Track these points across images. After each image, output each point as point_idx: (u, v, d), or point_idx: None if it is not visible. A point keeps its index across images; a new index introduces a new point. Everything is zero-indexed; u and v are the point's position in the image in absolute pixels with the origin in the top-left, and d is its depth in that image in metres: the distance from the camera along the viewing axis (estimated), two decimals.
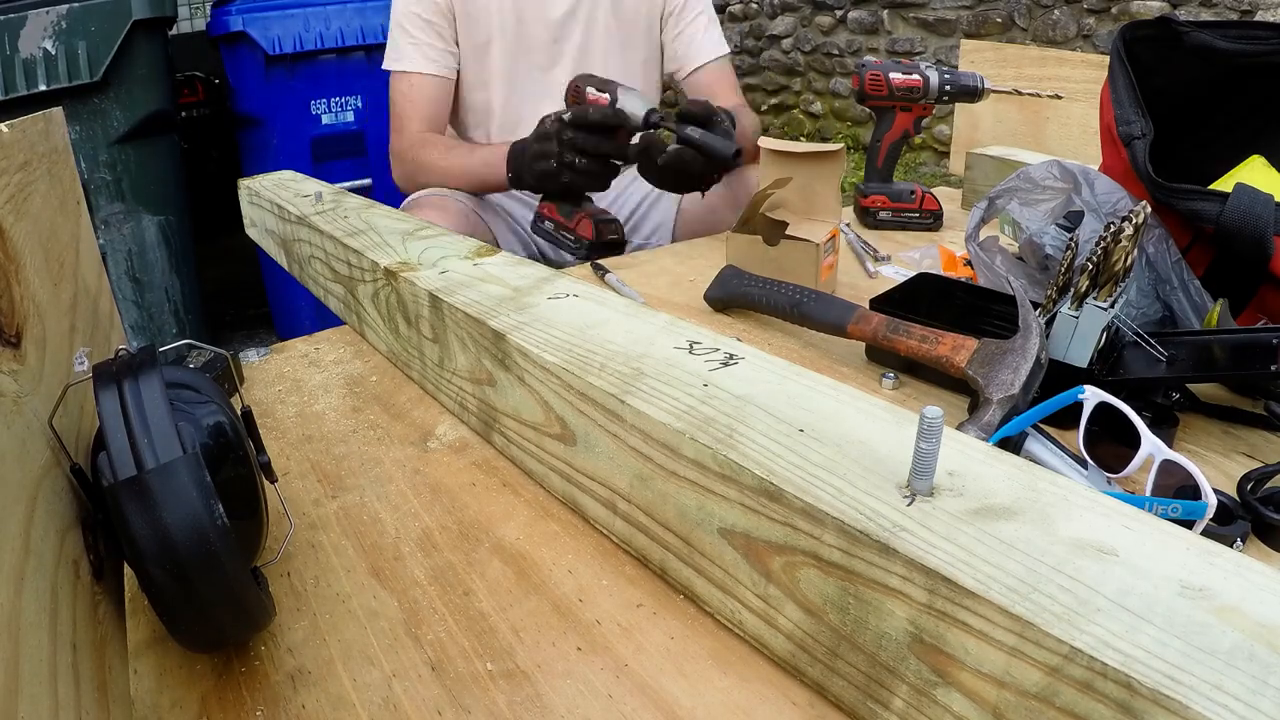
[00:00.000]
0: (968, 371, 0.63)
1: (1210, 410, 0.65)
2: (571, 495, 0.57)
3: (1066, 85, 1.33)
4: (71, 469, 0.43)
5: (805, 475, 0.40)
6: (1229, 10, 3.05)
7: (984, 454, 0.42)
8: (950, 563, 0.34)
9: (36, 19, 1.85)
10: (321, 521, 0.58)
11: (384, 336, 0.81)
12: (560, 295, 0.65)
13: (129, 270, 2.08)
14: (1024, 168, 0.82)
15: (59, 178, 0.60)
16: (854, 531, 0.36)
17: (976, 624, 0.33)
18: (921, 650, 0.35)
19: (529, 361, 0.56)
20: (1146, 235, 0.71)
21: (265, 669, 0.46)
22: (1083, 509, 0.37)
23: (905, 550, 0.35)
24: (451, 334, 0.66)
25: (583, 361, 0.53)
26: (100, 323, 0.63)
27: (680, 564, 0.48)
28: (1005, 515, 0.37)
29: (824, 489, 0.39)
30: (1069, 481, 0.39)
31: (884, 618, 0.36)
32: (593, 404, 0.51)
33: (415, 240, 0.80)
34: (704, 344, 0.55)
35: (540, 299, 0.64)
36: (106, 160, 2.00)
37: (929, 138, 4.24)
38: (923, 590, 0.34)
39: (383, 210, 0.93)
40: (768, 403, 0.47)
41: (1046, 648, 0.30)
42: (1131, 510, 0.37)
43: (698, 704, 0.42)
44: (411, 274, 0.70)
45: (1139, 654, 0.29)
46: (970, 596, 0.32)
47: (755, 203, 0.91)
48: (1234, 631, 0.30)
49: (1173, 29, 0.79)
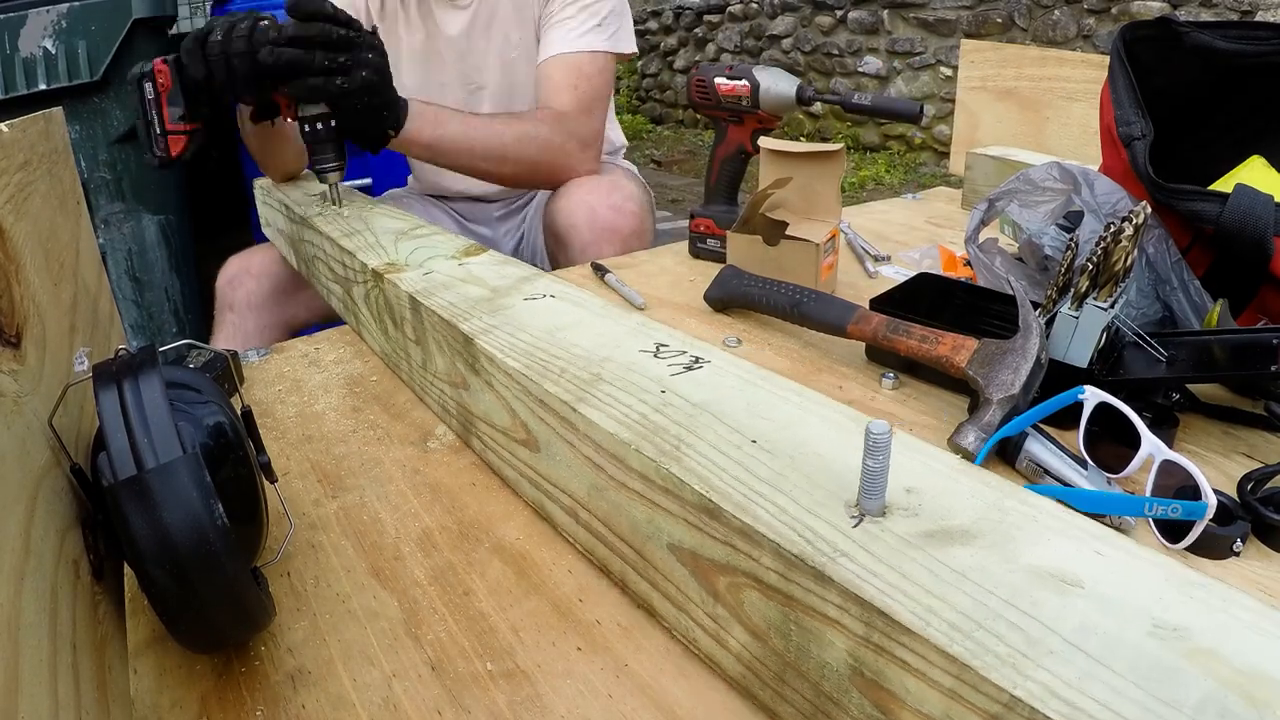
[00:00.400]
0: (968, 371, 0.63)
1: (1210, 410, 0.65)
2: (540, 502, 0.56)
3: (1067, 85, 1.33)
4: (71, 469, 0.43)
5: (747, 492, 0.38)
6: (1229, 10, 3.05)
7: (949, 468, 0.39)
8: (888, 593, 0.31)
9: (36, 18, 1.85)
10: (321, 522, 0.58)
11: (377, 338, 0.81)
12: (537, 296, 0.64)
13: (129, 270, 2.08)
14: (1024, 170, 0.82)
15: (59, 177, 0.60)
16: (789, 555, 0.34)
17: (915, 662, 0.30)
18: (863, 684, 0.33)
19: (494, 366, 0.55)
20: (1146, 235, 0.71)
21: (265, 669, 0.46)
22: (1052, 532, 0.34)
23: (841, 578, 0.32)
24: (430, 336, 0.65)
25: (543, 366, 0.52)
26: (100, 322, 0.63)
27: (638, 577, 0.47)
28: (961, 539, 0.34)
29: (765, 507, 0.37)
30: (1042, 501, 0.36)
31: (825, 647, 0.34)
32: (550, 411, 0.50)
33: (408, 240, 0.80)
34: (671, 347, 0.53)
35: (516, 300, 0.63)
36: (106, 160, 1.99)
37: (928, 138, 4.24)
38: (859, 622, 0.32)
39: (386, 210, 0.93)
40: (724, 410, 0.45)
41: (985, 693, 0.28)
42: (1107, 533, 0.34)
43: (697, 704, 0.42)
44: (396, 275, 0.70)
45: (1089, 705, 0.26)
46: (906, 633, 0.30)
47: (755, 203, 0.91)
48: (1207, 679, 0.27)
49: (1173, 29, 0.79)
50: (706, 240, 1.07)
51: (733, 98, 0.99)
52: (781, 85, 0.97)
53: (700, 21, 5.35)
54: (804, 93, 0.96)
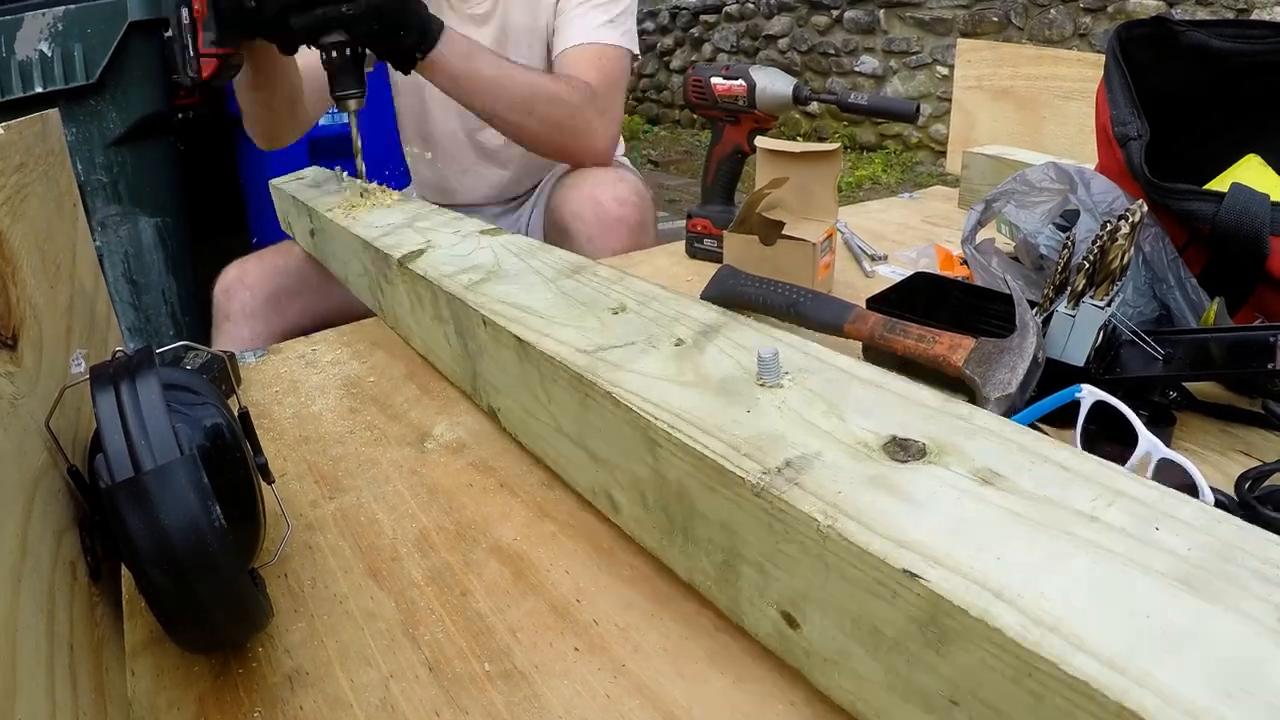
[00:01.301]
0: (965, 370, 0.63)
1: (1207, 409, 0.65)
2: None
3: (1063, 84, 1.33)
4: (69, 471, 0.43)
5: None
6: (1225, 9, 3.06)
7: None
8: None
9: (33, 21, 1.84)
10: (319, 522, 0.58)
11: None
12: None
13: (126, 272, 2.07)
14: (1020, 171, 0.82)
15: (55, 180, 0.60)
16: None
17: None
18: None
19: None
20: (1143, 234, 0.71)
21: (263, 670, 0.46)
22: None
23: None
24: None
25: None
26: (97, 324, 0.63)
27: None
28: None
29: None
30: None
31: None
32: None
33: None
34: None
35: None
36: (103, 162, 1.99)
37: (925, 137, 4.24)
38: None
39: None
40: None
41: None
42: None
43: (695, 704, 0.42)
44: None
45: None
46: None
47: (752, 202, 0.91)
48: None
49: (1168, 28, 0.79)
50: (703, 240, 1.07)
51: (729, 97, 1.00)
52: (778, 85, 0.97)
53: (696, 21, 5.36)
54: (800, 92, 0.96)
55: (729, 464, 0.39)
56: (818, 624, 0.38)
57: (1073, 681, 0.26)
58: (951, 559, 0.32)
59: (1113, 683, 0.26)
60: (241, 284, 1.20)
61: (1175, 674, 0.26)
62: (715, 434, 0.42)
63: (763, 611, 0.41)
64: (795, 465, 0.38)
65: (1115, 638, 0.27)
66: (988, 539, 0.32)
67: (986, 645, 0.29)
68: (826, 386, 0.45)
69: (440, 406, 0.73)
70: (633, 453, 0.47)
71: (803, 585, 0.37)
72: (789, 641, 0.40)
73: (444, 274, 0.68)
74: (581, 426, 0.52)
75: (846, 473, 0.37)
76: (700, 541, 0.44)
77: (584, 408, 0.50)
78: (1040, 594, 0.29)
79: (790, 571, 0.38)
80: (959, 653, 0.30)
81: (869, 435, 0.40)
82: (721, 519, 0.41)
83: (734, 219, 0.95)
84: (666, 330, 0.54)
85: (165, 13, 0.83)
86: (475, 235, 0.77)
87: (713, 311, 0.56)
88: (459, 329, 0.66)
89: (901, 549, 0.32)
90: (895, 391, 0.45)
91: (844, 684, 0.38)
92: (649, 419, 0.44)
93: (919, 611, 0.31)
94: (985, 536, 0.33)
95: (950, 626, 0.30)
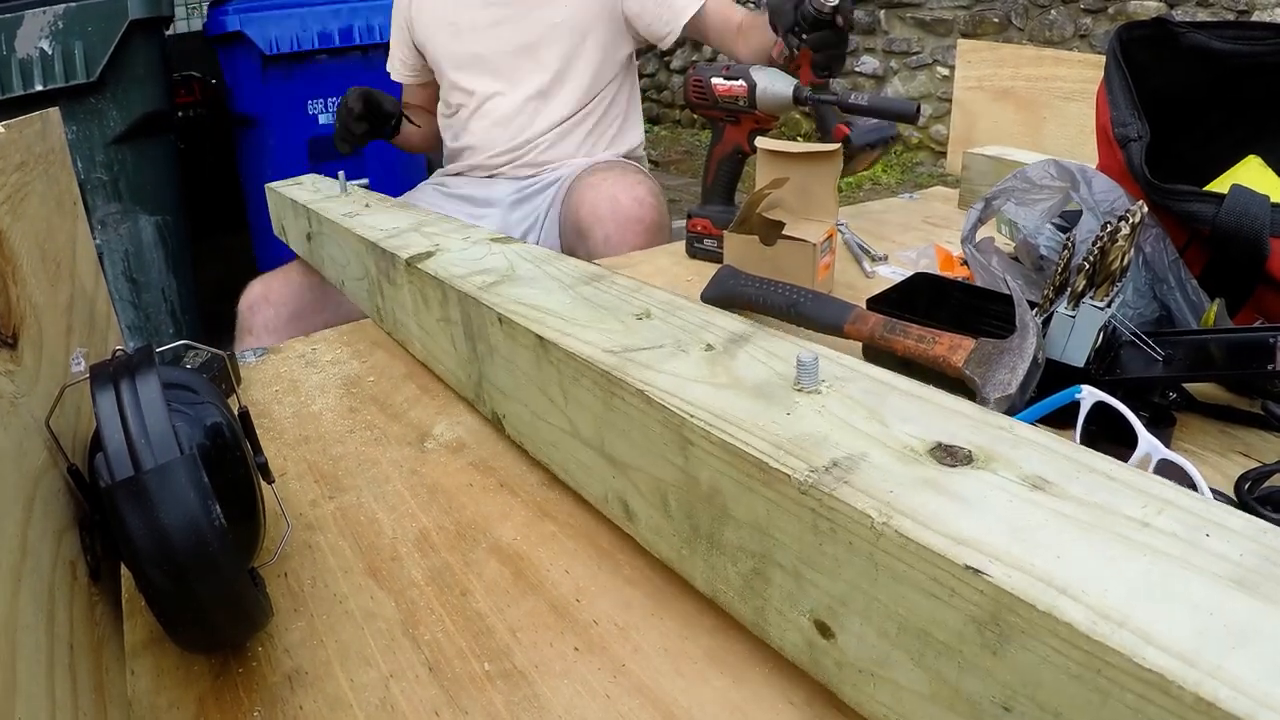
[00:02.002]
0: (965, 371, 0.63)
1: (1207, 410, 0.65)
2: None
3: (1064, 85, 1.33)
4: (69, 470, 0.43)
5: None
6: (1225, 10, 3.06)
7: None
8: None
9: (33, 19, 1.84)
10: (319, 522, 0.58)
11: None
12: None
13: (126, 270, 2.07)
14: (1021, 168, 0.82)
15: (56, 178, 0.60)
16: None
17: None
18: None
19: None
20: (1143, 234, 0.71)
21: (263, 670, 0.46)
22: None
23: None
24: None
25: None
26: (97, 323, 0.63)
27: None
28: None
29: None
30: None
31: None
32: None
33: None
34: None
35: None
36: (103, 160, 1.99)
37: (925, 138, 4.24)
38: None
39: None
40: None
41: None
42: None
43: (694, 704, 0.42)
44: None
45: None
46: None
47: (752, 202, 0.91)
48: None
49: (1169, 29, 0.79)
50: (703, 240, 1.07)
51: (730, 98, 1.00)
52: (778, 85, 0.97)
53: None
54: (800, 93, 0.96)
55: (774, 461, 0.38)
56: (856, 632, 0.37)
57: (1146, 674, 0.26)
58: (1011, 556, 0.31)
59: (1186, 675, 0.26)
60: (266, 301, 1.22)
61: (1245, 667, 0.26)
62: (756, 433, 0.41)
63: (792, 622, 0.41)
64: (843, 465, 0.38)
65: (1182, 633, 0.27)
66: (1045, 539, 0.32)
67: (1052, 641, 0.29)
68: (865, 394, 0.44)
69: (440, 406, 0.73)
70: (660, 454, 0.46)
71: (844, 590, 0.37)
72: (819, 653, 0.40)
73: (455, 275, 0.67)
74: (602, 428, 0.51)
75: (895, 474, 0.37)
76: (727, 548, 0.43)
77: (608, 408, 0.49)
78: (1104, 590, 0.29)
79: (831, 575, 0.37)
80: (1019, 652, 0.30)
81: (914, 441, 0.40)
82: (756, 521, 0.40)
83: (734, 219, 0.95)
84: (695, 336, 0.53)
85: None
86: (486, 242, 0.76)
87: (740, 321, 0.55)
88: (468, 331, 0.66)
89: (960, 545, 0.32)
90: (935, 402, 0.44)
91: (879, 696, 0.37)
92: (684, 416, 0.43)
93: (979, 610, 0.31)
94: (1043, 537, 0.32)
95: (1013, 624, 0.30)
